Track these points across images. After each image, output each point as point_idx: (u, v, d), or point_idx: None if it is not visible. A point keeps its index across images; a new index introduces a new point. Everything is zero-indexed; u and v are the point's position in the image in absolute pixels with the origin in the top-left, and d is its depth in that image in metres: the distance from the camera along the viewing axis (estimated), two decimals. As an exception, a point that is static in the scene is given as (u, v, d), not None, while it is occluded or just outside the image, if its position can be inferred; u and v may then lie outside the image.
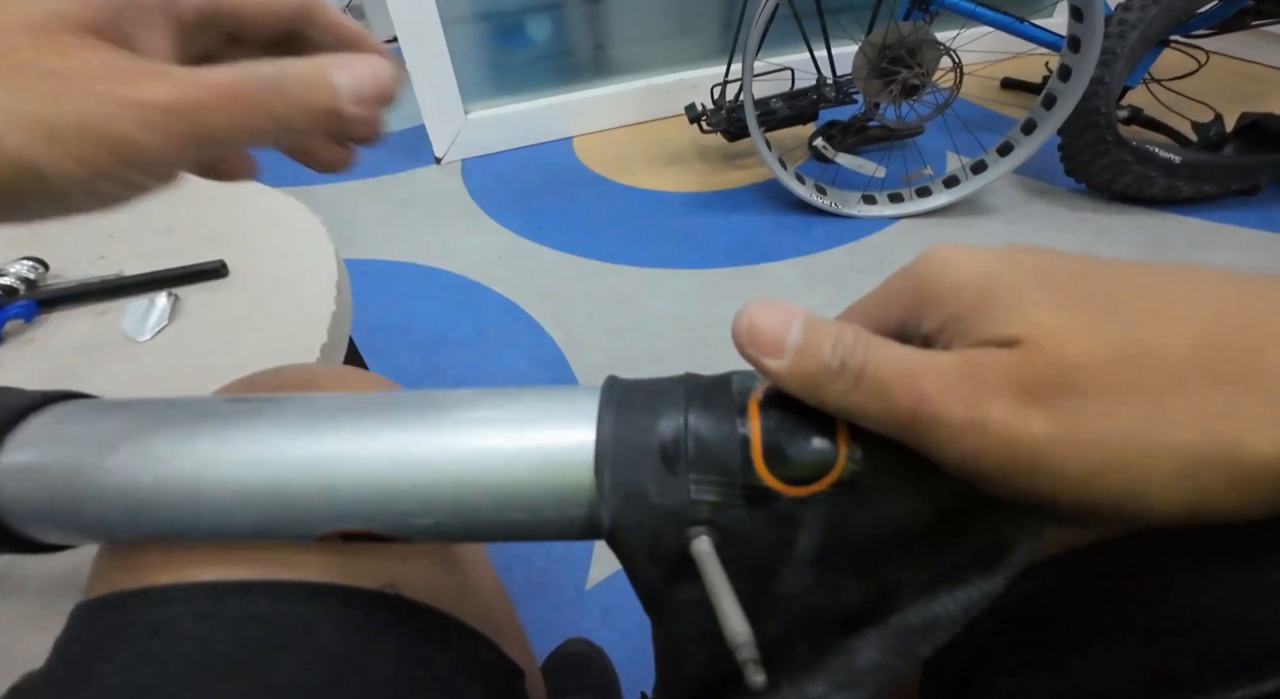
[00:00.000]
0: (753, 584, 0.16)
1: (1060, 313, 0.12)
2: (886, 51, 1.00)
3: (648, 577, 0.15)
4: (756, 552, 0.15)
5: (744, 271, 1.08)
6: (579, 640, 0.61)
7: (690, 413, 0.15)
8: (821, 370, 0.13)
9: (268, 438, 0.16)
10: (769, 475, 0.14)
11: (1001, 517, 0.14)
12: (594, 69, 1.55)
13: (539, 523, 0.17)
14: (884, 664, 0.15)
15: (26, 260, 0.39)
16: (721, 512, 0.15)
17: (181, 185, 0.49)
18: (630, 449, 0.15)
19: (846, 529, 0.15)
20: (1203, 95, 1.20)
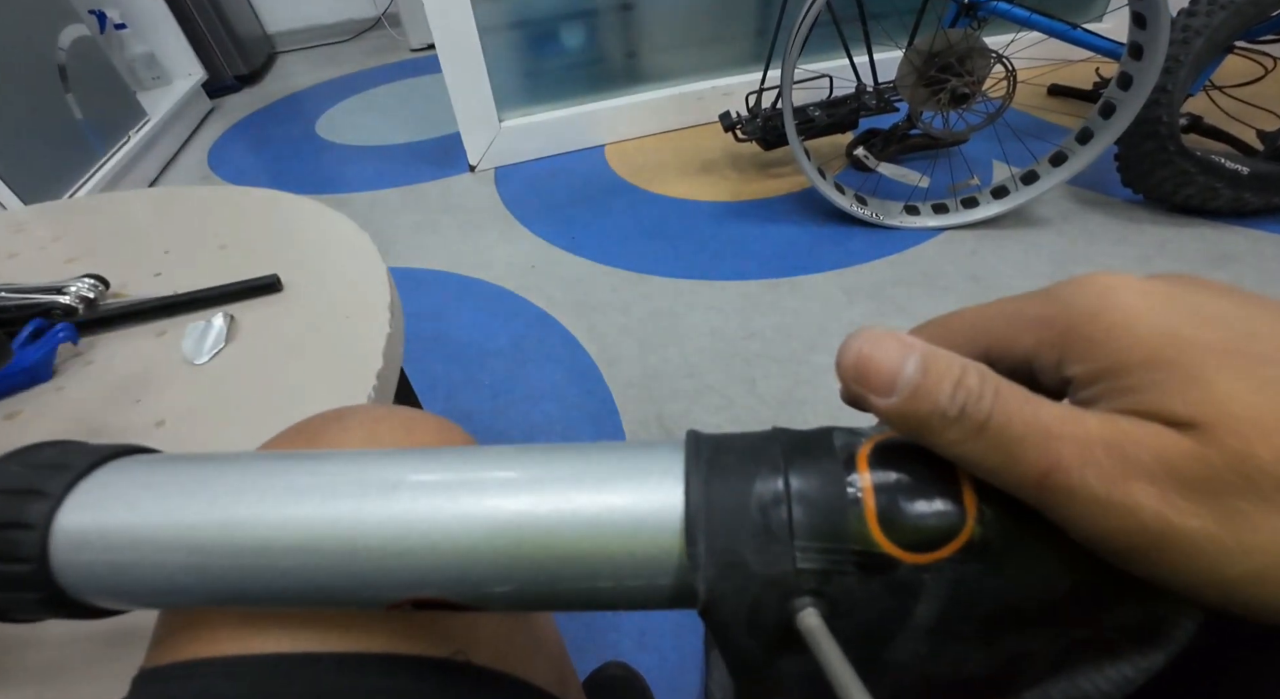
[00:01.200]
0: (859, 652, 0.14)
1: (1256, 403, 0.10)
2: (935, 59, 0.97)
3: (746, 650, 0.14)
4: (868, 621, 0.13)
5: (782, 283, 1.06)
6: (617, 664, 0.59)
7: (791, 472, 0.14)
8: (937, 415, 0.12)
9: (341, 498, 0.15)
10: (885, 541, 0.13)
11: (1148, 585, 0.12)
12: (626, 77, 1.55)
13: (623, 591, 0.15)
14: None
15: (87, 278, 0.39)
16: (830, 581, 0.13)
17: (227, 199, 0.49)
18: (725, 513, 0.14)
19: (973, 597, 0.13)
20: (1268, 102, 1.14)
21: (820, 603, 0.13)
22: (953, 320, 0.14)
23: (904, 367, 0.12)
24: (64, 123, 1.38)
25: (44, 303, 0.37)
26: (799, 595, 0.13)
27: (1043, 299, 0.13)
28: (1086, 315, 0.12)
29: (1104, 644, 0.13)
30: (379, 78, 2.19)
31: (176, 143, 1.78)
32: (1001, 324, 0.13)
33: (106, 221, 0.50)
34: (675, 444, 0.16)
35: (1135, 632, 0.13)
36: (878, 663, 0.15)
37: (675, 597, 0.15)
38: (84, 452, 0.17)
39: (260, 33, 2.44)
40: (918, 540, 0.13)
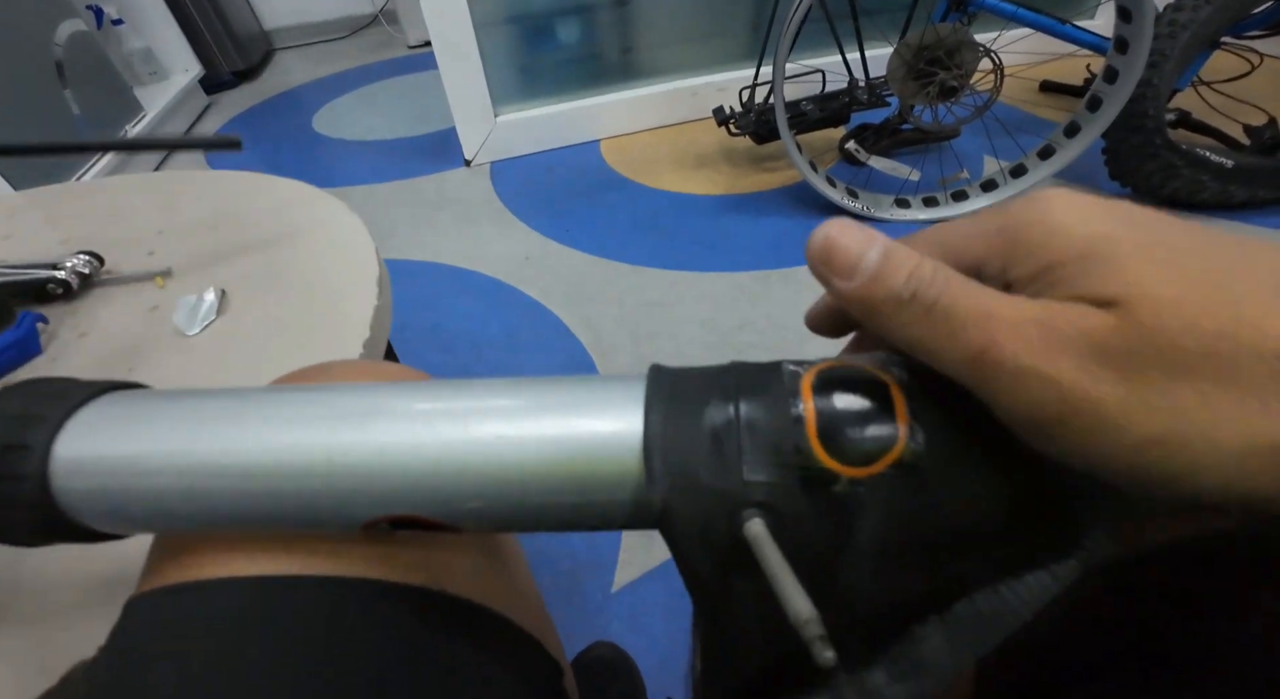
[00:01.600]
0: (808, 572, 0.15)
1: (1170, 284, 0.11)
2: (924, 53, 0.99)
3: (699, 564, 0.15)
4: (813, 538, 0.14)
5: (773, 275, 1.07)
6: (605, 644, 0.60)
7: (741, 398, 0.15)
8: (890, 298, 0.13)
9: (322, 422, 0.16)
10: (825, 455, 0.14)
11: (1077, 501, 0.13)
12: (621, 72, 1.56)
13: (587, 506, 0.16)
14: (950, 654, 0.14)
15: (83, 255, 0.40)
16: (776, 494, 0.14)
17: (220, 182, 0.50)
18: (680, 434, 0.15)
19: (908, 516, 0.14)
20: (1255, 98, 1.15)
21: (767, 515, 0.14)
22: (930, 233, 0.16)
23: (867, 253, 0.14)
24: (61, 118, 1.38)
25: (40, 278, 0.38)
26: (747, 508, 0.14)
27: (998, 214, 0.14)
28: (1028, 223, 0.13)
29: (1027, 557, 0.14)
30: (376, 74, 2.19)
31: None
32: (956, 238, 0.15)
33: (100, 204, 0.50)
34: (640, 377, 0.17)
35: (1054, 543, 0.14)
36: (826, 587, 0.16)
37: (635, 513, 0.16)
38: (81, 385, 0.18)
39: (257, 29, 2.44)
40: (854, 455, 0.14)
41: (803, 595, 0.12)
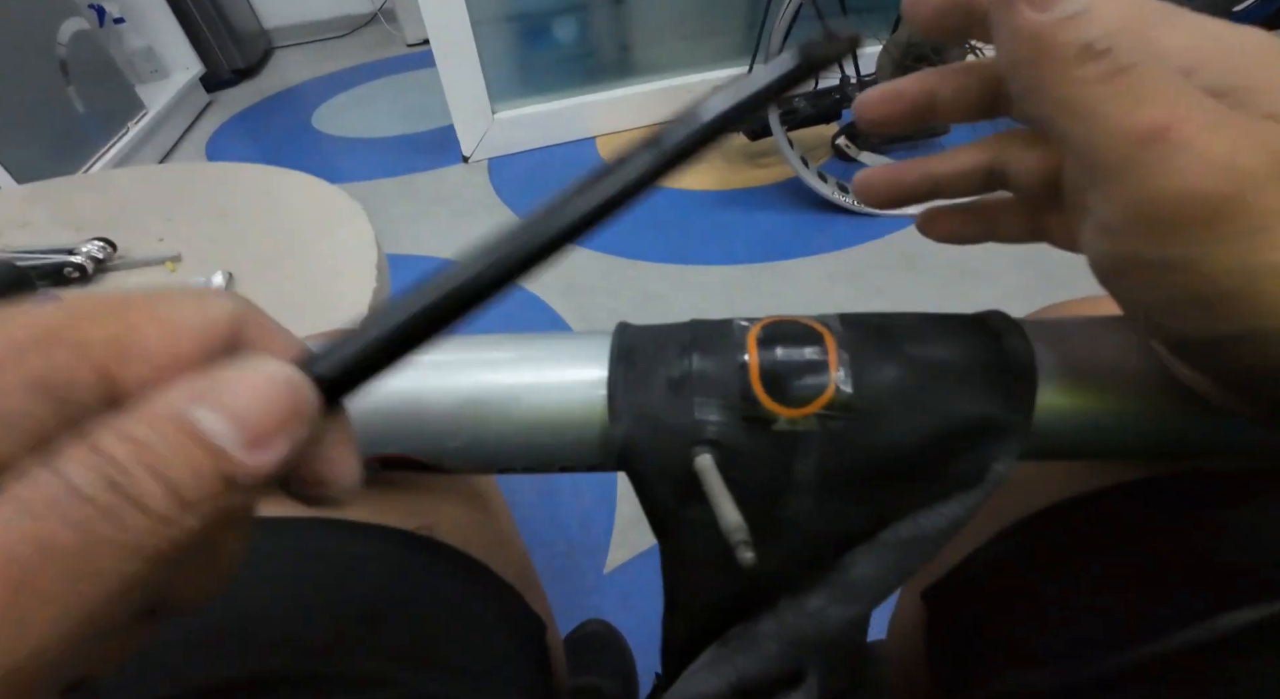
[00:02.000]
0: (757, 508, 0.17)
1: None
2: (911, 50, 1.00)
3: (657, 494, 0.17)
4: (758, 474, 0.16)
5: (766, 268, 1.09)
6: (597, 621, 0.62)
7: (695, 350, 0.17)
8: (1081, 46, 0.11)
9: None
10: (766, 397, 0.16)
11: (985, 440, 0.15)
12: (618, 69, 1.58)
13: (558, 447, 0.18)
14: (877, 578, 0.16)
15: (97, 241, 0.42)
16: (724, 432, 0.16)
17: (225, 173, 0.52)
18: (641, 379, 0.17)
19: (841, 452, 0.16)
20: (1240, 93, 1.17)
21: (716, 451, 0.16)
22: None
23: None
24: (65, 115, 1.40)
25: (58, 262, 0.40)
26: (698, 444, 0.16)
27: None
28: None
29: (942, 491, 0.16)
30: (375, 72, 2.21)
31: (174, 135, 1.80)
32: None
33: (111, 195, 0.52)
34: (607, 333, 0.19)
35: (966, 477, 0.16)
36: (774, 520, 0.18)
37: (601, 452, 0.18)
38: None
39: (257, 28, 2.46)
40: (792, 399, 0.16)
41: (733, 509, 0.14)
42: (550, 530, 0.73)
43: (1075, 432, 0.16)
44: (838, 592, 0.17)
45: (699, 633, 0.20)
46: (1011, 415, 0.15)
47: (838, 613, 0.17)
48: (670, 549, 0.19)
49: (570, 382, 0.18)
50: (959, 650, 0.23)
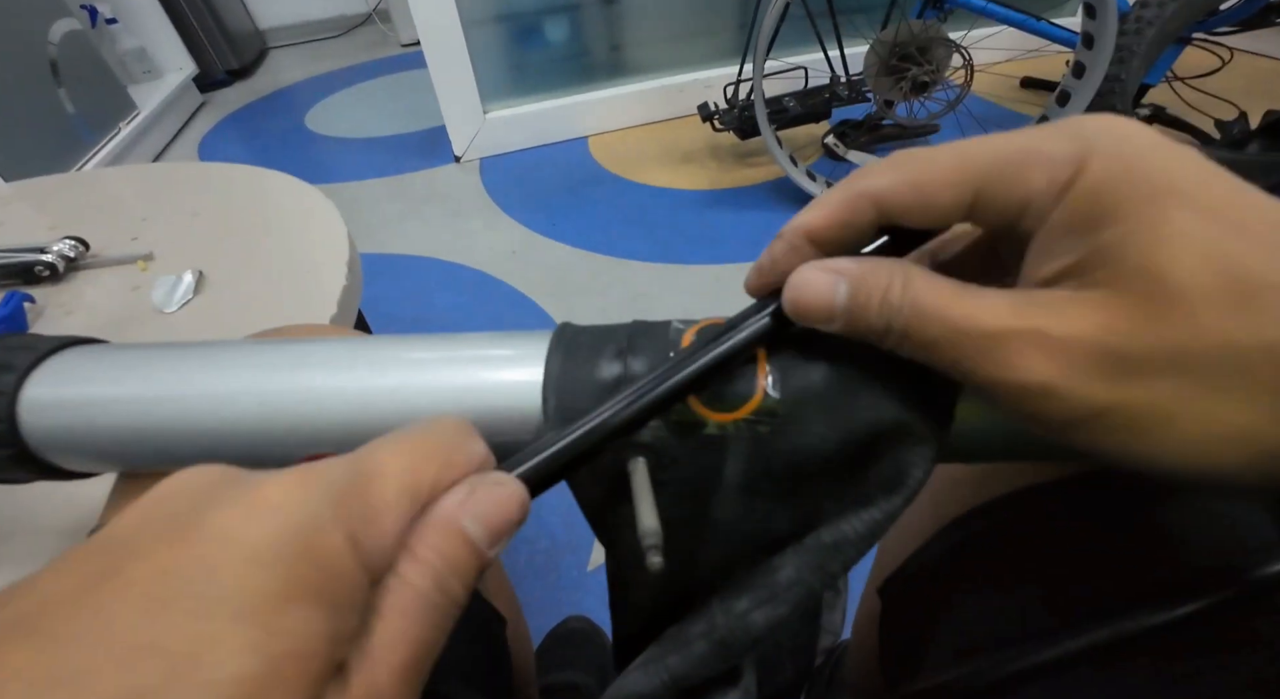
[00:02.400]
0: (689, 510, 0.17)
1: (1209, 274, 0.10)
2: (897, 49, 1.01)
3: (591, 496, 0.17)
4: (689, 477, 0.17)
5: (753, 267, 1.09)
6: (578, 618, 0.62)
7: (630, 352, 0.17)
8: (871, 333, 0.13)
9: (253, 371, 0.18)
10: (696, 403, 0.16)
11: (902, 446, 0.16)
12: (610, 69, 1.58)
13: (496, 447, 0.18)
14: (800, 581, 0.16)
15: (69, 240, 0.42)
16: (655, 435, 0.16)
17: (204, 173, 0.52)
18: (575, 381, 0.17)
19: (768, 456, 0.16)
20: (1228, 93, 1.18)
21: (648, 455, 0.17)
22: (941, 155, 0.13)
23: (835, 297, 0.13)
24: (55, 116, 1.40)
25: (28, 261, 0.40)
26: (630, 447, 0.16)
27: (1056, 138, 0.12)
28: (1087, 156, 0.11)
29: (864, 497, 0.16)
30: (369, 72, 2.21)
31: (167, 136, 1.80)
32: (1001, 165, 0.12)
33: (89, 194, 0.52)
34: (546, 333, 0.19)
35: (887, 483, 0.16)
36: (706, 522, 0.18)
37: None
38: (46, 339, 0.20)
39: (251, 28, 2.46)
40: (721, 403, 0.16)
41: (652, 515, 0.15)
42: (533, 528, 0.73)
43: (997, 434, 0.16)
44: (763, 594, 0.17)
45: (640, 632, 0.21)
46: (929, 421, 0.15)
47: (763, 615, 0.17)
48: (608, 548, 0.19)
49: (505, 382, 0.18)
50: (903, 644, 0.23)
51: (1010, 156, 0.12)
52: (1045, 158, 0.12)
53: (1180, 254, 0.10)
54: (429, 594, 0.11)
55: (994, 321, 0.12)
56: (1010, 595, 0.18)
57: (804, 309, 0.14)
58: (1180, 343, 0.10)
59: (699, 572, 0.19)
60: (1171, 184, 0.11)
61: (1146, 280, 0.11)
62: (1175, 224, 0.10)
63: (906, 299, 0.13)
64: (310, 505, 0.10)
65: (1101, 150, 0.11)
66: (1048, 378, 0.11)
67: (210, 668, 0.08)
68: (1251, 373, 0.10)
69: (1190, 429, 0.11)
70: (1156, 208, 0.11)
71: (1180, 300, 0.10)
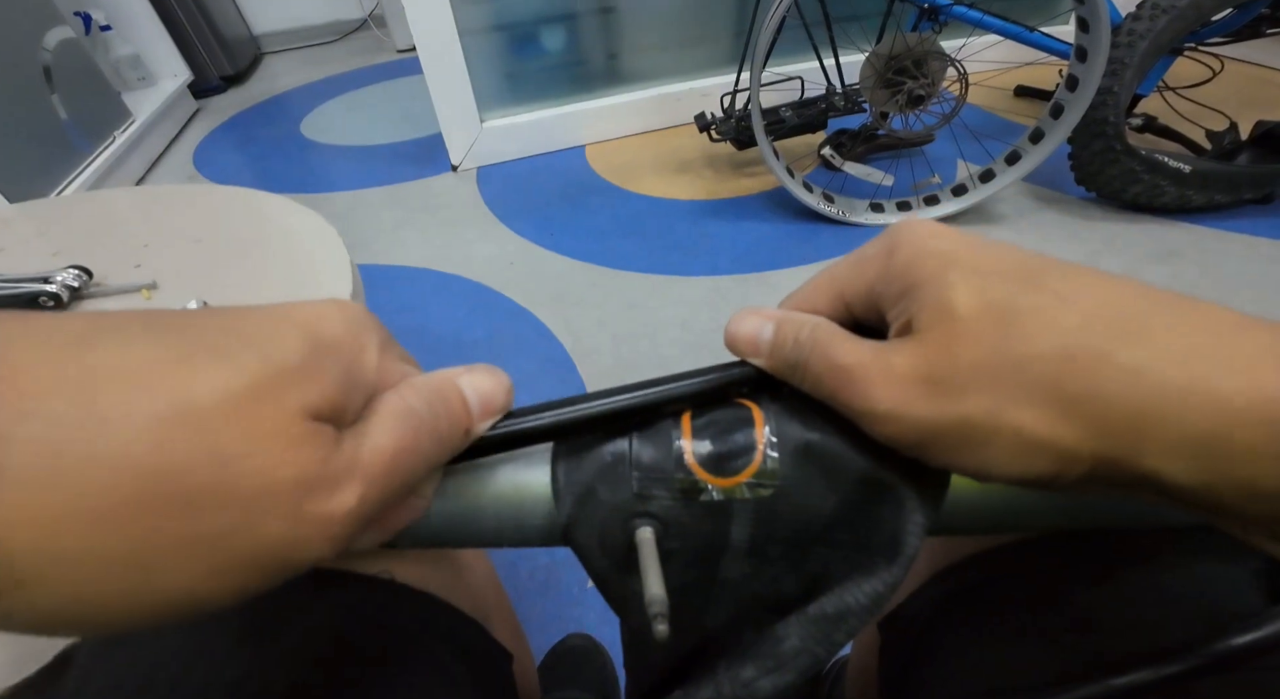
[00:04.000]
0: (697, 573, 0.18)
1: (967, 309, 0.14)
2: (893, 62, 1.02)
3: (601, 568, 0.18)
4: (696, 542, 0.17)
5: (751, 278, 1.10)
6: (579, 635, 0.63)
7: (633, 431, 0.18)
8: (786, 367, 0.17)
9: None
10: (699, 469, 0.17)
11: (896, 512, 0.16)
12: (606, 78, 1.58)
13: (506, 530, 0.19)
14: (804, 650, 0.17)
15: (72, 269, 0.42)
16: (661, 504, 0.17)
17: (204, 196, 0.52)
18: (582, 460, 0.18)
19: (771, 518, 0.17)
20: (1220, 103, 1.19)
21: (655, 524, 0.17)
22: (819, 279, 0.18)
23: (760, 335, 0.17)
24: (49, 123, 1.39)
25: (31, 291, 0.40)
26: (637, 517, 0.17)
27: (877, 243, 0.16)
28: (894, 249, 0.16)
29: (866, 567, 0.17)
30: (365, 79, 2.21)
31: (162, 143, 1.79)
32: (849, 270, 0.17)
33: (89, 218, 0.52)
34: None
35: (886, 549, 0.17)
36: (714, 582, 0.18)
37: (547, 531, 0.19)
38: None
39: (246, 34, 2.45)
40: (723, 468, 0.17)
41: (658, 583, 0.15)
42: (534, 548, 0.73)
43: (986, 511, 0.17)
44: (769, 662, 0.17)
45: (653, 692, 0.21)
46: (920, 488, 0.16)
47: (769, 683, 0.17)
48: (620, 615, 0.19)
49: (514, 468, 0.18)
50: (900, 681, 0.23)
51: (853, 266, 0.17)
52: (870, 258, 0.16)
53: (960, 297, 0.14)
54: (418, 408, 0.14)
55: (857, 360, 0.15)
56: (1003, 646, 0.19)
57: (738, 343, 0.17)
58: (975, 360, 0.13)
59: (708, 631, 0.19)
60: (949, 254, 0.15)
61: (942, 319, 0.14)
62: (953, 279, 0.14)
63: (810, 341, 0.16)
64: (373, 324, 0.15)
65: (901, 242, 0.15)
66: (891, 404, 0.14)
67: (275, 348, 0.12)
68: (1034, 382, 0.13)
69: (1007, 442, 0.13)
70: (941, 272, 0.14)
71: (965, 328, 0.13)
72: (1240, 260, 1.01)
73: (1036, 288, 0.13)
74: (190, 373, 0.11)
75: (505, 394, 0.17)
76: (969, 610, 0.21)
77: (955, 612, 0.21)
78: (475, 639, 0.25)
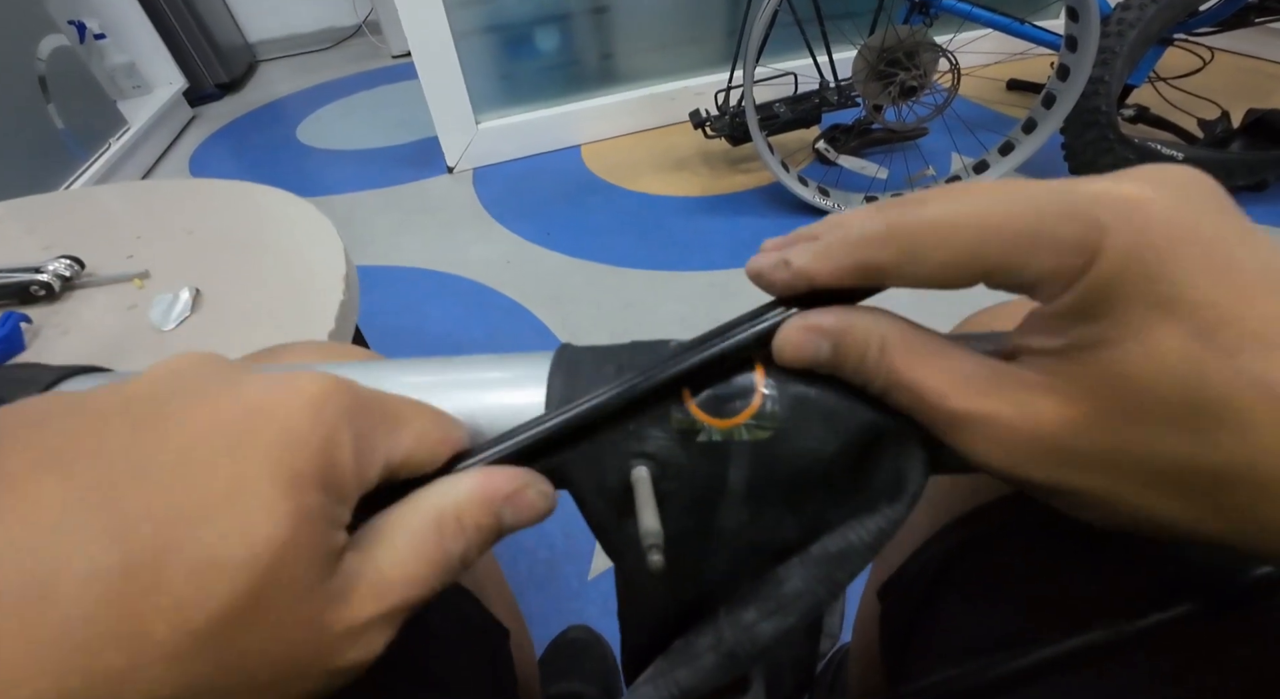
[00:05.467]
0: (695, 519, 0.17)
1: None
2: (884, 54, 1.02)
3: (597, 509, 0.17)
4: (694, 485, 0.17)
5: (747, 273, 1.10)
6: (580, 627, 0.62)
7: (631, 369, 0.17)
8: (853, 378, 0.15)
9: None
10: (697, 410, 0.16)
11: (900, 454, 0.16)
12: (601, 78, 1.59)
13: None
14: (807, 591, 0.16)
15: (64, 258, 0.42)
16: (658, 444, 0.16)
17: (197, 190, 0.52)
18: (576, 397, 0.17)
19: (770, 461, 0.16)
20: (1210, 92, 1.19)
21: (651, 464, 0.17)
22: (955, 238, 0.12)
23: (817, 354, 0.14)
24: (45, 132, 1.40)
25: (24, 281, 0.40)
26: (634, 457, 0.17)
27: (1080, 221, 0.11)
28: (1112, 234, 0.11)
29: (869, 506, 0.17)
30: (360, 84, 2.21)
31: (158, 150, 1.80)
32: (1016, 242, 0.11)
33: (83, 212, 0.52)
34: (547, 354, 0.19)
35: (889, 489, 0.16)
36: (712, 531, 0.18)
37: (541, 471, 0.18)
38: (48, 370, 0.20)
39: (241, 41, 2.46)
40: (721, 409, 0.16)
41: (653, 517, 0.15)
42: (533, 538, 0.73)
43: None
44: (770, 605, 0.17)
45: (649, 645, 0.21)
46: (922, 430, 0.16)
47: (771, 626, 0.17)
48: (617, 563, 0.19)
49: (509, 404, 0.18)
50: (904, 644, 0.23)
51: (1019, 242, 0.11)
52: (1054, 243, 0.11)
53: (1158, 373, 0.10)
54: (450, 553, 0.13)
55: (958, 403, 0.12)
56: (1008, 599, 0.19)
57: (791, 363, 0.15)
58: (1128, 449, 0.11)
59: (706, 582, 0.19)
60: (1174, 296, 0.10)
61: (1117, 388, 0.11)
62: (1163, 341, 0.10)
63: (882, 367, 0.13)
64: (341, 401, 0.12)
65: (1113, 245, 0.11)
66: (997, 462, 0.12)
67: (244, 515, 0.10)
68: (1191, 482, 0.11)
69: (1121, 510, 0.12)
70: (1151, 318, 0.10)
71: (1143, 417, 0.11)
72: (1235, 246, 1.01)
73: None
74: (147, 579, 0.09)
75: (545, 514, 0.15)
76: (975, 563, 0.20)
77: (961, 566, 0.21)
78: (469, 610, 0.25)
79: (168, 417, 0.10)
